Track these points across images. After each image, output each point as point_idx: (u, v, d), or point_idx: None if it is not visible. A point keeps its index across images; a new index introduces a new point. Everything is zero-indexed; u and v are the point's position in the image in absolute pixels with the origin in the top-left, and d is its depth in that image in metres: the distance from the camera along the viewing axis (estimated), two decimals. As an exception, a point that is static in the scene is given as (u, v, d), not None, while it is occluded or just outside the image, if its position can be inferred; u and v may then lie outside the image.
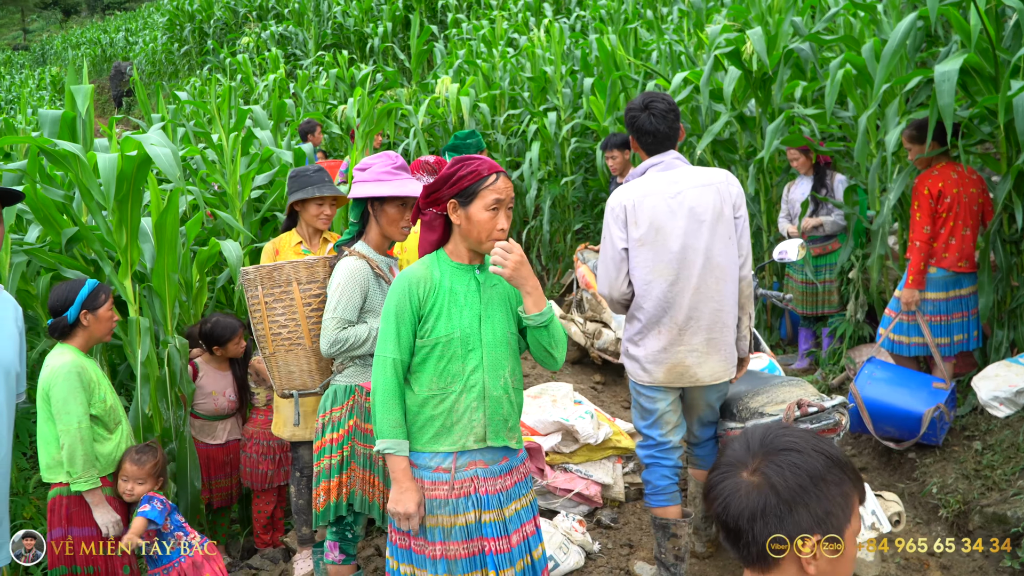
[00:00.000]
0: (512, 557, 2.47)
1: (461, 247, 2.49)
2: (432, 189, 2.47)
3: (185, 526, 3.32)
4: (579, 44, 8.38)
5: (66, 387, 3.11)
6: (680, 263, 3.09)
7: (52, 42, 32.15)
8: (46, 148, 3.84)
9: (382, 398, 2.43)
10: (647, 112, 3.16)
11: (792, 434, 1.40)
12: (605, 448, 4.19)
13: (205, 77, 14.97)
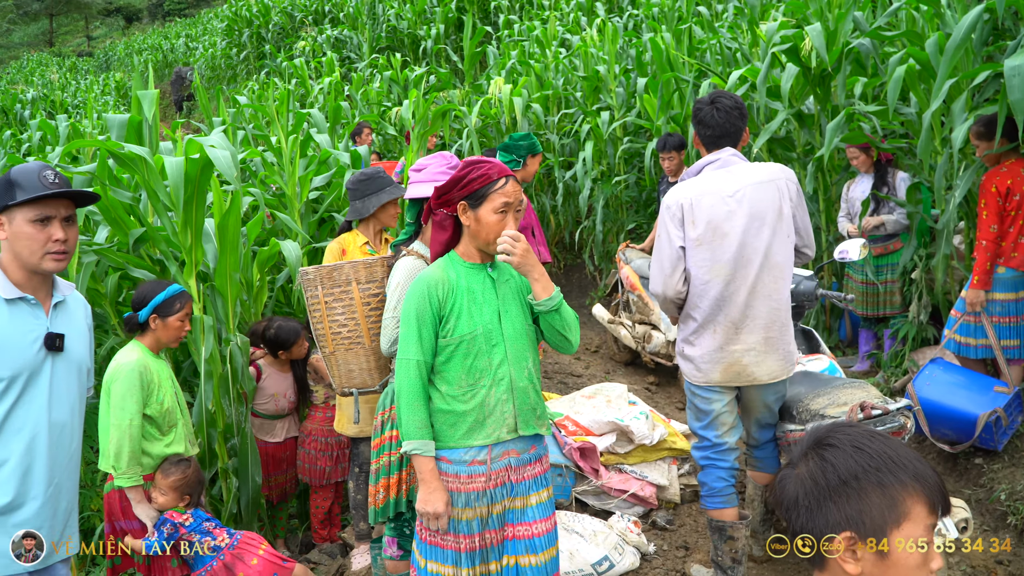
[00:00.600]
0: (535, 545, 2.57)
1: (471, 248, 2.58)
2: (443, 191, 2.55)
3: (214, 531, 3.35)
4: (632, 43, 8.33)
5: (125, 385, 3.21)
6: (738, 262, 3.06)
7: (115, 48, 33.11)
8: (115, 151, 3.96)
9: (407, 400, 2.48)
10: (712, 106, 3.16)
11: (843, 431, 1.38)
12: (660, 449, 4.16)
13: (263, 81, 15.26)
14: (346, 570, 3.97)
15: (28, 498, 2.29)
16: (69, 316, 2.46)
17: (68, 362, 2.42)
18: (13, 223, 2.28)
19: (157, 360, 3.41)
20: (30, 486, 2.30)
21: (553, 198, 8.53)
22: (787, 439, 3.40)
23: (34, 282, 2.36)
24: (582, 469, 4.00)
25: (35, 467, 2.31)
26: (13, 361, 2.26)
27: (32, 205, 2.27)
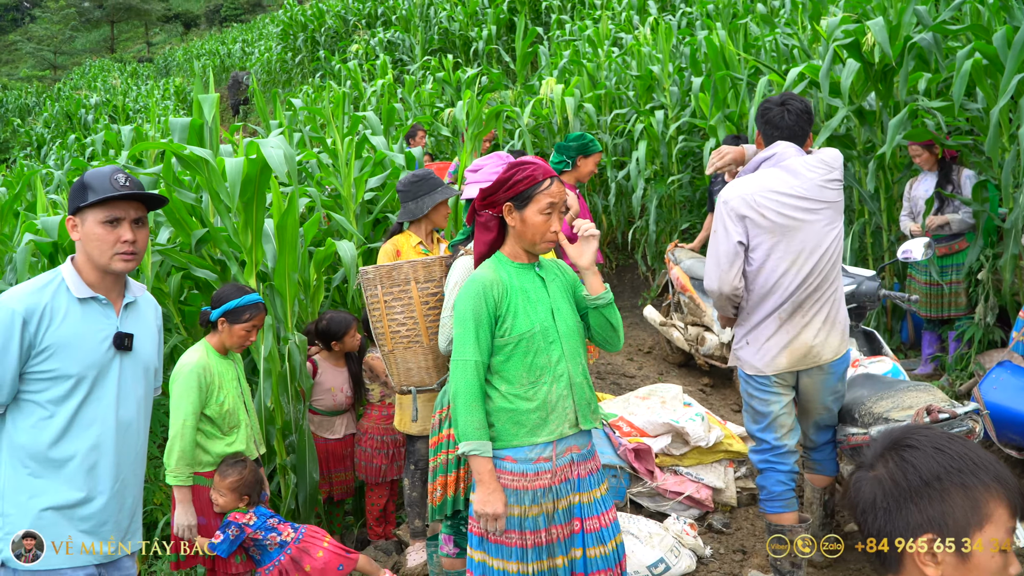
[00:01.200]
0: (603, 536, 2.60)
1: (517, 248, 2.62)
2: (489, 192, 2.58)
3: (278, 526, 3.40)
4: (686, 41, 8.25)
5: (184, 385, 3.29)
6: (799, 252, 3.08)
7: (174, 54, 33.90)
8: (179, 153, 4.05)
9: (465, 400, 2.48)
10: (783, 108, 3.17)
11: (921, 433, 1.35)
12: (716, 451, 4.12)
13: (317, 84, 15.49)
14: (401, 567, 3.99)
15: (96, 493, 2.34)
16: (139, 316, 2.52)
17: (136, 362, 2.47)
18: (85, 224, 2.34)
19: (222, 360, 3.47)
20: (97, 482, 2.34)
21: (605, 198, 8.49)
22: (848, 443, 3.33)
23: (106, 282, 2.41)
24: (637, 470, 3.97)
25: (101, 464, 2.35)
26: (83, 359, 2.31)
27: (102, 207, 2.33)
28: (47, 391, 2.28)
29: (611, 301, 2.65)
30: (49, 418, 2.28)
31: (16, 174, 7.77)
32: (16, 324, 2.21)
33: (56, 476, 2.28)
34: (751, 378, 3.26)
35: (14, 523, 2.25)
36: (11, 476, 2.28)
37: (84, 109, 20.42)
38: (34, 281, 2.34)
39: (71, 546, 2.28)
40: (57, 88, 30.35)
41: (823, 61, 5.47)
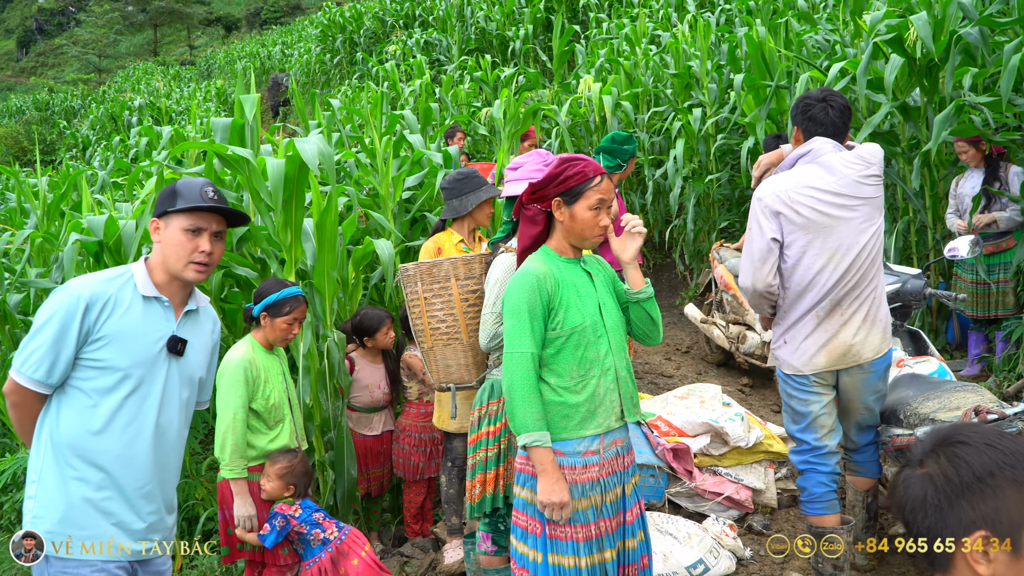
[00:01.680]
0: (634, 529, 2.65)
1: (564, 243, 2.66)
2: (539, 187, 2.61)
3: (323, 523, 3.43)
4: (725, 38, 8.16)
5: (230, 379, 3.33)
6: (835, 249, 3.05)
7: (215, 57, 34.41)
8: (221, 153, 4.11)
9: (523, 392, 2.49)
10: (825, 104, 3.15)
11: (971, 429, 1.32)
12: (756, 452, 4.07)
13: (355, 85, 15.61)
14: (438, 564, 4.01)
15: (128, 490, 2.36)
16: (197, 326, 2.55)
17: (185, 368, 2.49)
18: (169, 228, 2.41)
19: (268, 356, 3.51)
20: (129, 479, 2.36)
21: (642, 196, 8.44)
22: (893, 444, 3.27)
23: (173, 287, 2.46)
24: (675, 470, 3.94)
25: (136, 462, 2.37)
26: (134, 354, 2.35)
27: (188, 214, 2.40)
28: (94, 380, 2.31)
29: (652, 295, 2.70)
30: (93, 407, 2.31)
31: (62, 175, 7.93)
32: (79, 308, 2.26)
33: (93, 468, 2.31)
34: (789, 378, 3.21)
35: (45, 506, 2.29)
36: (49, 462, 2.31)
37: (128, 111, 20.80)
38: (105, 271, 2.41)
39: (100, 538, 2.31)
40: (102, 91, 30.99)
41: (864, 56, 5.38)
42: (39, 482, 2.31)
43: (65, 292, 2.29)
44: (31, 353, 2.27)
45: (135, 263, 2.45)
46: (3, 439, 5.73)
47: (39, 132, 24.91)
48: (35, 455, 2.34)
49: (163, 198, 2.45)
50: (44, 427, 2.35)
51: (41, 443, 2.34)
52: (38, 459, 2.33)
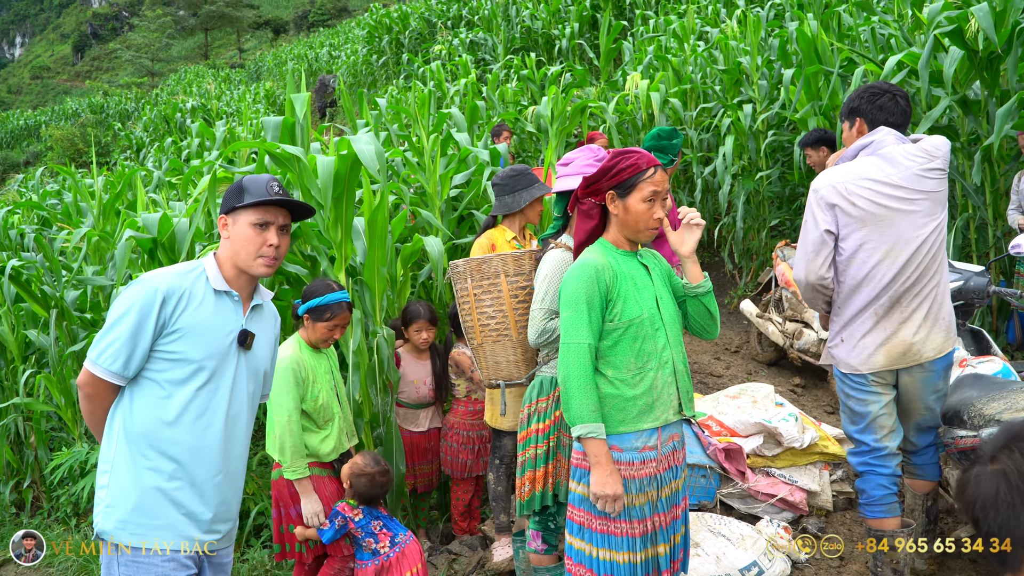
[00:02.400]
0: (681, 522, 2.66)
1: (619, 236, 2.65)
2: (592, 180, 2.61)
3: (379, 533, 3.41)
4: (775, 33, 8.02)
5: (281, 381, 3.35)
6: (893, 243, 2.98)
7: (264, 59, 34.97)
8: (272, 151, 4.15)
9: (579, 383, 2.47)
10: (893, 95, 3.12)
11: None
12: (811, 453, 3.98)
13: (401, 86, 15.71)
14: (487, 562, 3.99)
15: (200, 481, 2.40)
16: (262, 320, 2.60)
17: (252, 361, 2.55)
18: (237, 224, 2.45)
19: (316, 355, 3.53)
20: (201, 470, 2.40)
21: (691, 194, 8.34)
22: (956, 446, 3.17)
23: (241, 281, 2.50)
24: (727, 471, 3.87)
25: (207, 453, 2.41)
26: (208, 347, 2.39)
27: (256, 209, 2.44)
28: (168, 371, 2.35)
29: (711, 289, 2.68)
30: (166, 398, 2.35)
31: (117, 175, 8.11)
32: (156, 300, 2.30)
33: (165, 459, 2.34)
34: (847, 377, 3.14)
35: (117, 495, 2.32)
36: (122, 452, 2.34)
37: (180, 113, 21.23)
38: (179, 266, 2.45)
39: (171, 528, 2.34)
40: (155, 93, 31.69)
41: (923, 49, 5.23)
42: (112, 472, 2.34)
43: (142, 285, 2.32)
44: (108, 345, 2.29)
45: (205, 258, 2.49)
46: (60, 433, 5.87)
47: (94, 134, 25.56)
48: (107, 445, 2.38)
49: (230, 195, 2.48)
50: (117, 417, 2.38)
51: (114, 433, 2.37)
52: (110, 449, 2.36)
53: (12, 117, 35.88)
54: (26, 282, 5.71)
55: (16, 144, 33.45)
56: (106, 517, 2.31)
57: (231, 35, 57.12)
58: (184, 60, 52.12)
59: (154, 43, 51.65)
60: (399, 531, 3.48)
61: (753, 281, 7.49)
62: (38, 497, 5.96)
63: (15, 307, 5.86)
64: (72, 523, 5.36)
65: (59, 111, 34.09)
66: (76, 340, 5.53)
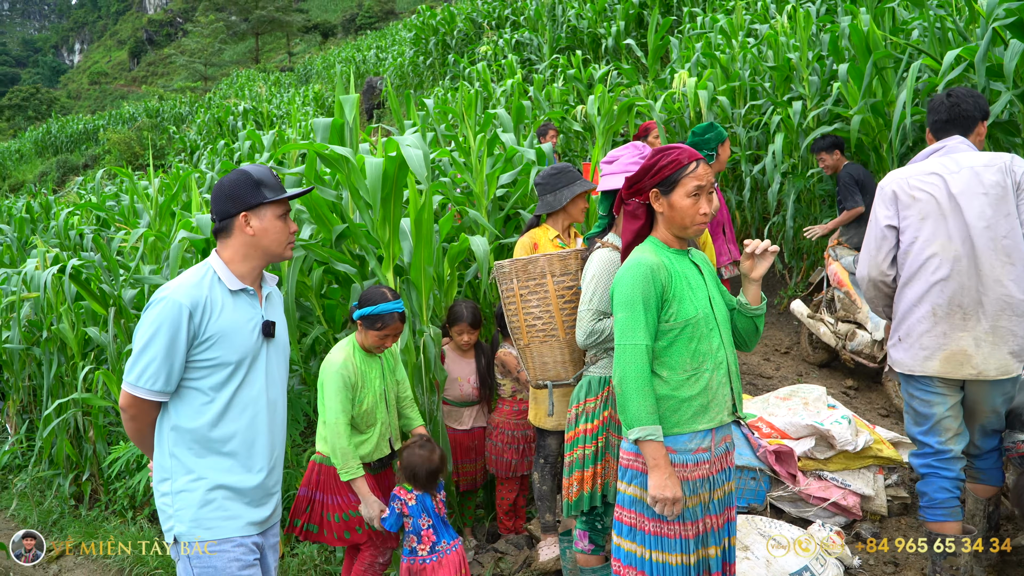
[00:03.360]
0: (733, 528, 2.65)
1: (668, 234, 2.62)
2: (634, 180, 2.59)
3: (424, 533, 3.43)
4: (827, 28, 7.87)
5: (331, 385, 3.40)
6: (961, 244, 2.93)
7: (313, 62, 35.41)
8: (322, 152, 4.20)
9: (637, 385, 2.44)
10: (944, 95, 3.15)
11: None
12: (864, 457, 3.90)
13: (447, 86, 15.79)
14: (533, 561, 3.99)
15: (256, 469, 2.52)
16: (275, 305, 2.69)
17: (277, 346, 2.65)
18: (264, 219, 2.52)
19: (368, 358, 3.56)
20: (255, 459, 2.52)
21: (739, 193, 8.22)
22: (1018, 450, 3.08)
23: (253, 275, 2.58)
24: (777, 473, 3.81)
25: (258, 442, 2.53)
26: (239, 347, 2.47)
27: (279, 202, 2.54)
28: (208, 378, 2.44)
29: (764, 311, 2.68)
30: (209, 403, 2.44)
31: (172, 177, 8.29)
32: (184, 316, 2.37)
33: (220, 456, 2.45)
34: (911, 378, 3.07)
35: (184, 500, 2.42)
36: (178, 458, 2.44)
37: (232, 116, 21.64)
38: (188, 276, 2.48)
39: (236, 518, 2.46)
40: (208, 97, 32.33)
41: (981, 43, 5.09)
42: (172, 479, 2.44)
43: (164, 303, 2.37)
44: (146, 367, 2.36)
45: (209, 260, 2.53)
46: (117, 428, 6.02)
47: (150, 137, 26.17)
48: (161, 455, 2.47)
49: (249, 190, 2.51)
50: (165, 428, 2.47)
51: (165, 444, 2.45)
52: (165, 458, 2.45)
53: (72, 122, 36.91)
54: (86, 281, 5.87)
55: (75, 148, 34.43)
56: (178, 521, 2.41)
57: (281, 39, 58.02)
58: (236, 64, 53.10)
59: (207, 48, 52.70)
60: (445, 537, 3.47)
61: (804, 281, 7.36)
62: (96, 490, 6.13)
63: (75, 305, 6.03)
64: (128, 515, 5.50)
65: (116, 115, 34.99)
66: (133, 337, 5.67)
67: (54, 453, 6.19)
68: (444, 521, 3.51)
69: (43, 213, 10.85)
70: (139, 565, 4.78)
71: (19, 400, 7.22)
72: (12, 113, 57.78)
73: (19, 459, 6.90)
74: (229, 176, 2.55)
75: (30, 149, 35.95)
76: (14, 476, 6.72)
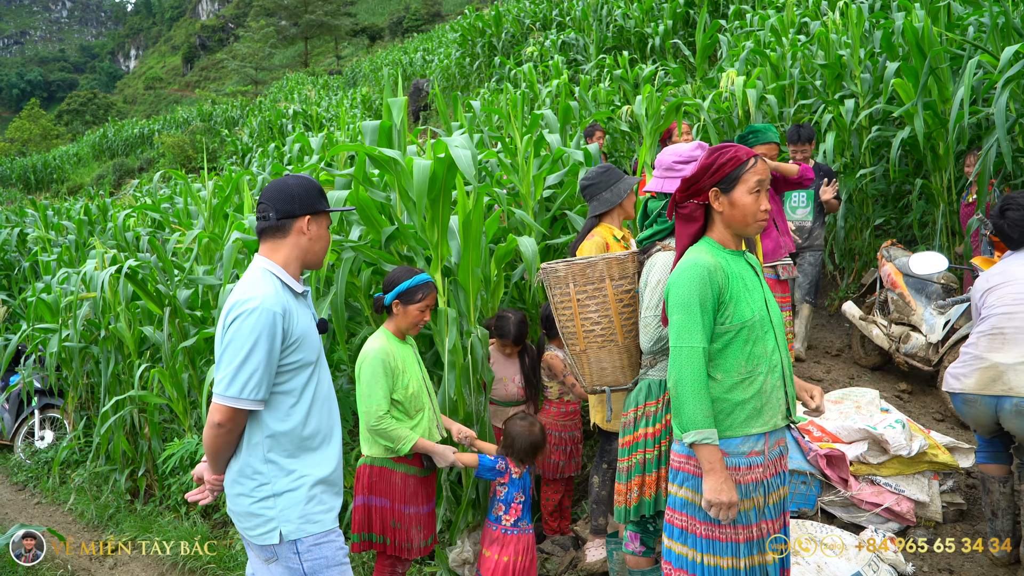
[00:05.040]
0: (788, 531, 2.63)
1: (726, 234, 2.58)
2: (692, 181, 2.55)
3: (513, 506, 3.54)
4: (879, 24, 7.72)
5: (370, 372, 3.43)
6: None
7: (360, 65, 35.78)
8: (372, 154, 4.25)
9: (694, 388, 2.42)
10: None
11: None
12: (919, 462, 3.82)
13: (493, 88, 15.82)
14: (579, 562, 3.98)
15: (336, 459, 2.64)
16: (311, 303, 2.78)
17: (322, 343, 2.75)
18: (321, 226, 2.64)
19: (403, 346, 3.59)
20: (335, 449, 2.65)
21: (790, 193, 8.09)
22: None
23: (298, 278, 2.66)
24: (828, 478, 3.75)
25: (334, 433, 2.67)
26: (314, 346, 2.59)
27: (330, 214, 2.69)
28: (292, 380, 2.53)
29: None
30: (296, 404, 2.53)
31: (225, 179, 8.45)
32: (279, 324, 2.44)
33: (311, 453, 2.56)
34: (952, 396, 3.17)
35: (288, 501, 2.50)
36: (275, 464, 2.52)
37: (283, 119, 21.97)
38: (264, 285, 2.51)
39: (334, 508, 2.60)
40: (259, 101, 32.87)
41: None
42: (272, 483, 2.50)
43: (259, 312, 2.41)
44: (249, 377, 2.40)
45: (269, 266, 2.57)
46: (171, 425, 6.16)
47: (204, 141, 26.71)
48: (255, 461, 2.51)
49: (315, 196, 2.61)
50: (257, 435, 2.51)
51: (260, 449, 2.51)
52: (260, 463, 2.51)
53: (128, 126, 37.86)
54: (142, 281, 6.02)
55: (131, 151, 35.30)
56: (284, 521, 2.48)
57: (329, 43, 58.80)
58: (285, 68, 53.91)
59: (258, 53, 53.64)
60: (526, 518, 3.58)
61: (856, 282, 7.22)
62: (151, 485, 6.28)
63: (132, 305, 6.18)
64: (182, 511, 5.62)
65: (170, 119, 35.78)
66: (187, 336, 5.80)
67: (111, 449, 6.35)
68: (528, 504, 3.61)
69: (100, 215, 11.14)
70: (192, 560, 4.89)
71: (77, 397, 7.43)
72: (70, 118, 59.51)
73: (77, 455, 7.10)
74: (295, 179, 2.61)
75: (87, 153, 36.98)
76: (72, 471, 6.91)
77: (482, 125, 9.05)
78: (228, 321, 2.43)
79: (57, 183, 33.91)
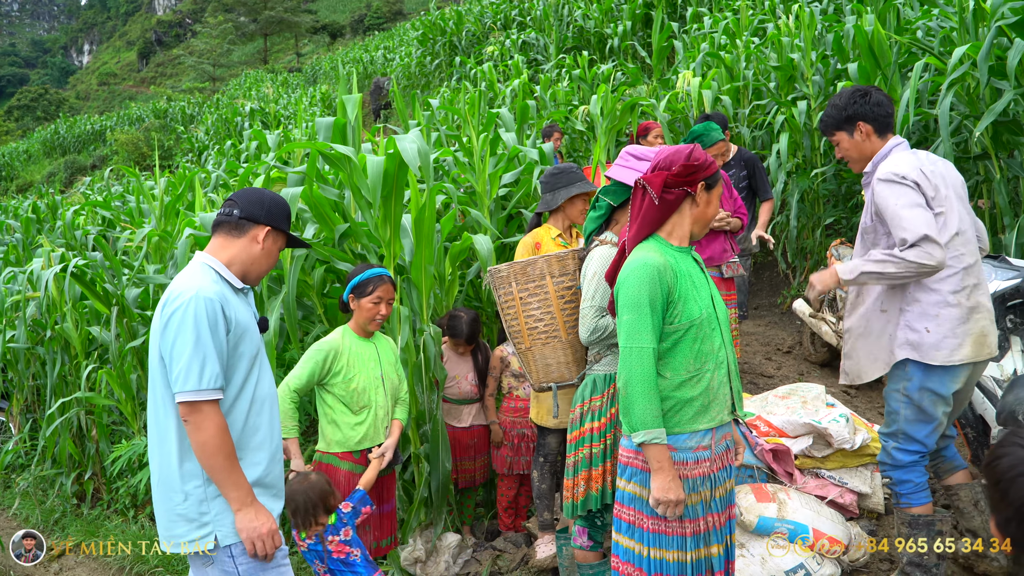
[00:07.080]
0: (733, 525, 2.67)
1: (683, 230, 2.61)
2: (690, 171, 2.55)
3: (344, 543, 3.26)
4: (831, 27, 7.86)
5: (307, 355, 3.49)
6: (969, 229, 3.03)
7: (321, 63, 35.48)
8: (324, 151, 4.22)
9: (643, 388, 2.43)
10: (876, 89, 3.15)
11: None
12: (862, 455, 3.89)
13: (454, 87, 15.80)
14: (530, 559, 4.00)
15: (275, 460, 2.58)
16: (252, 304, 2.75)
17: (263, 341, 2.70)
18: (276, 244, 2.64)
19: (363, 343, 3.58)
20: (276, 451, 2.60)
21: (743, 193, 8.20)
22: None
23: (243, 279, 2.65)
24: (774, 472, 3.81)
25: (275, 433, 2.61)
26: (254, 340, 2.54)
27: (284, 240, 2.69)
28: (236, 372, 2.46)
29: None
30: (236, 400, 2.46)
31: (179, 177, 8.33)
32: (218, 310, 2.39)
33: (251, 451, 2.49)
34: (931, 372, 3.00)
35: (225, 505, 2.41)
36: None
37: (240, 117, 21.70)
38: (200, 275, 2.47)
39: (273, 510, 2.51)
40: (216, 98, 32.45)
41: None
42: (206, 485, 2.40)
43: (195, 302, 2.34)
44: (202, 368, 2.31)
45: (210, 262, 2.53)
46: (120, 427, 6.06)
47: (158, 138, 26.27)
48: (188, 460, 2.40)
49: (283, 214, 2.63)
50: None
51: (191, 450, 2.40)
52: (194, 463, 2.39)
53: (80, 122, 37.08)
54: (90, 281, 5.91)
55: (83, 148, 34.59)
56: (219, 526, 2.39)
57: (289, 40, 58.17)
58: (244, 65, 53.27)
59: (216, 49, 52.87)
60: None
61: (806, 281, 7.34)
62: (99, 488, 6.16)
63: (79, 304, 6.07)
64: (130, 514, 5.53)
65: (124, 116, 35.14)
66: (136, 336, 5.70)
67: (57, 452, 6.23)
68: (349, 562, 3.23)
69: (49, 213, 10.92)
70: (139, 563, 4.81)
71: (23, 399, 7.27)
72: (21, 114, 58.09)
73: (22, 458, 6.95)
74: (272, 193, 2.63)
75: (38, 150, 36.14)
76: (17, 475, 6.76)
77: (440, 124, 9.03)
78: (166, 318, 2.36)
79: (6, 181, 33.12)
